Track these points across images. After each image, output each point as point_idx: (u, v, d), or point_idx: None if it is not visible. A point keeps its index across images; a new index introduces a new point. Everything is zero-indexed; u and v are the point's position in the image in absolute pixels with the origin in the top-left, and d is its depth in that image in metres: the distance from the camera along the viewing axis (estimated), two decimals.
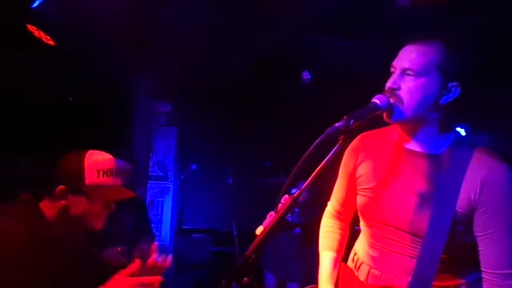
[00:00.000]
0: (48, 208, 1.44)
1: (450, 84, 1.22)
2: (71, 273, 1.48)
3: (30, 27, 2.83)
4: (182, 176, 4.61)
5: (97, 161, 1.47)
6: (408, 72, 1.22)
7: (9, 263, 1.28)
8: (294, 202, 1.06)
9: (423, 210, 1.23)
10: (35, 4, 2.49)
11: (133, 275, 1.41)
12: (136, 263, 1.44)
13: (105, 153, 1.52)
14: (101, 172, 1.46)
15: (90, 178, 1.44)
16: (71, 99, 4.22)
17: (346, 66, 3.45)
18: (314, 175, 1.09)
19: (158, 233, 4.21)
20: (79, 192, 1.43)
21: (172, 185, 4.60)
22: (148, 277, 1.42)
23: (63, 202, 1.42)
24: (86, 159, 1.45)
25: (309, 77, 3.90)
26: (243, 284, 0.99)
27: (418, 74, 1.21)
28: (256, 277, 1.03)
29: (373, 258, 1.37)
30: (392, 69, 1.28)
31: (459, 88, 1.22)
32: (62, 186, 1.42)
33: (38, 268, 1.35)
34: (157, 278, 1.44)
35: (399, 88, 1.23)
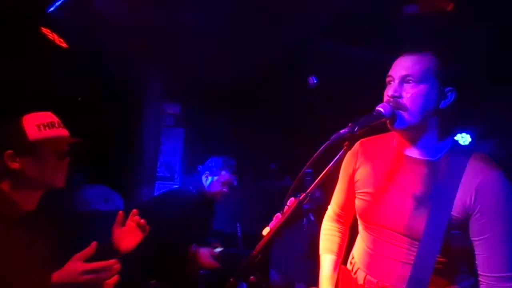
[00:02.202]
0: (9, 185, 1.43)
1: (446, 89, 1.27)
2: (45, 252, 1.45)
3: (44, 30, 2.91)
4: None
5: (35, 117, 1.47)
6: (408, 79, 1.27)
7: None
8: (300, 204, 1.11)
9: (419, 213, 1.27)
10: (51, 9, 2.56)
11: (86, 260, 1.34)
12: (92, 246, 1.38)
13: (42, 112, 1.51)
14: (41, 126, 1.45)
15: (33, 134, 1.43)
16: (80, 99, 4.28)
17: (352, 71, 3.48)
18: (319, 179, 1.14)
19: None
20: (26, 151, 1.42)
21: (178, 186, 4.66)
22: (102, 262, 1.35)
23: (15, 165, 1.41)
24: (24, 119, 1.46)
25: (315, 81, 3.94)
26: (250, 282, 1.04)
27: (418, 80, 1.26)
28: (262, 276, 1.08)
29: (369, 265, 1.40)
30: (389, 79, 1.32)
31: (454, 93, 1.27)
32: (9, 151, 1.41)
33: (8, 248, 1.34)
34: (114, 262, 1.38)
35: (400, 96, 1.28)
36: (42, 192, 1.50)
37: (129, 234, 1.65)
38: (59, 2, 2.66)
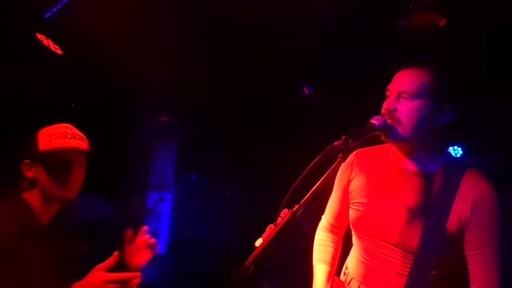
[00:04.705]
0: (31, 196, 1.44)
1: (442, 106, 1.29)
2: (58, 265, 1.46)
3: (39, 36, 2.90)
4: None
5: (52, 128, 1.49)
6: (403, 95, 1.29)
7: None
8: (293, 216, 1.11)
9: (413, 226, 1.28)
10: (48, 14, 2.56)
11: (109, 269, 1.37)
12: (114, 256, 1.41)
13: (62, 123, 1.52)
14: (53, 136, 1.46)
15: (43, 144, 1.45)
16: (73, 105, 4.26)
17: (347, 82, 3.51)
18: (313, 191, 1.14)
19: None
20: (38, 161, 1.44)
21: (170, 195, 4.63)
22: (125, 273, 1.39)
23: (30, 174, 1.43)
24: (41, 130, 1.48)
25: (310, 91, 3.97)
26: None
27: (412, 96, 1.27)
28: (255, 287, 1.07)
29: (363, 275, 1.41)
30: (387, 93, 1.35)
31: (451, 111, 1.29)
32: (26, 160, 1.44)
33: (25, 260, 1.35)
34: (136, 274, 1.42)
35: (395, 110, 1.29)
36: (58, 205, 1.50)
37: (139, 251, 1.61)
38: (56, 9, 2.66)
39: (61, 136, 1.46)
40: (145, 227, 1.64)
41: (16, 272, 1.32)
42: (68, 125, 1.53)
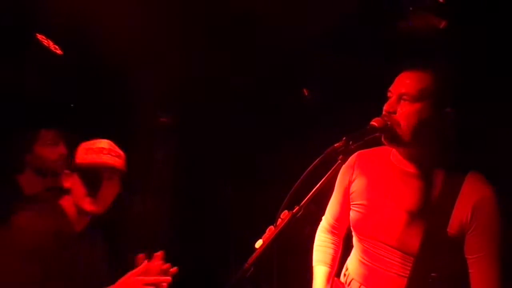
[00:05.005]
0: (67, 204, 1.50)
1: (443, 109, 1.28)
2: (88, 270, 1.52)
3: (39, 36, 2.90)
4: None
5: (92, 142, 1.55)
6: (404, 97, 1.29)
7: (29, 257, 1.32)
8: (293, 218, 1.11)
9: (414, 228, 1.28)
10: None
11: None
12: (145, 264, 1.47)
13: (103, 139, 1.59)
14: (89, 151, 1.52)
15: (79, 157, 1.52)
16: (72, 105, 4.26)
17: (348, 83, 3.51)
18: (313, 192, 1.14)
19: None
20: (73, 172, 1.51)
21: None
22: (157, 277, 1.45)
23: (67, 184, 1.51)
24: (82, 143, 1.56)
25: (310, 94, 3.97)
26: None
27: (413, 99, 1.27)
28: None
29: (363, 276, 1.41)
30: (389, 94, 1.34)
31: (453, 115, 1.28)
32: (66, 170, 1.52)
33: (57, 263, 1.39)
34: (167, 279, 1.47)
35: (395, 112, 1.29)
36: (90, 216, 1.55)
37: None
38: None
39: (97, 151, 1.52)
40: (160, 252, 1.57)
41: (50, 274, 1.36)
42: (108, 141, 1.59)
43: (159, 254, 1.56)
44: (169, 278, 1.48)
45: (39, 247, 1.35)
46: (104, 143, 1.57)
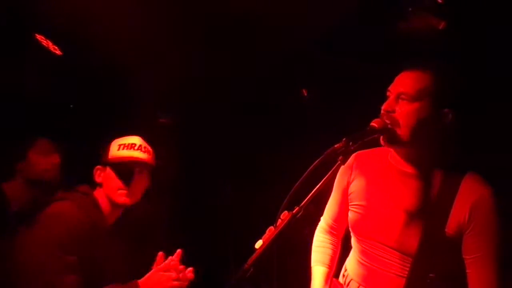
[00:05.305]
0: (101, 197, 1.56)
1: (442, 110, 1.28)
2: (118, 264, 1.58)
3: (38, 36, 2.90)
4: None
5: (123, 139, 1.62)
6: (403, 97, 1.29)
7: (64, 246, 1.38)
8: (293, 218, 1.11)
9: (412, 229, 1.29)
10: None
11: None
12: (169, 260, 1.54)
13: (133, 135, 1.66)
14: (122, 146, 1.59)
15: (113, 152, 1.59)
16: (72, 106, 4.26)
17: (348, 84, 3.51)
18: (313, 193, 1.14)
19: None
20: (106, 167, 1.58)
21: None
22: (184, 274, 1.54)
23: (99, 179, 1.57)
24: (115, 139, 1.62)
25: (309, 94, 3.97)
26: None
27: (411, 99, 1.27)
28: None
29: (362, 276, 1.41)
30: (388, 93, 1.34)
31: (451, 115, 1.28)
32: (98, 165, 1.58)
33: (90, 255, 1.44)
34: (191, 276, 1.55)
35: (393, 112, 1.29)
36: (122, 209, 1.62)
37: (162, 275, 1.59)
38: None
39: (128, 147, 1.60)
40: (179, 250, 1.61)
41: (83, 263, 1.41)
42: (139, 137, 1.66)
43: (179, 251, 1.62)
44: (192, 275, 1.56)
45: (74, 235, 1.40)
46: (135, 139, 1.64)
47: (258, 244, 1.11)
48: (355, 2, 2.75)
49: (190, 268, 1.59)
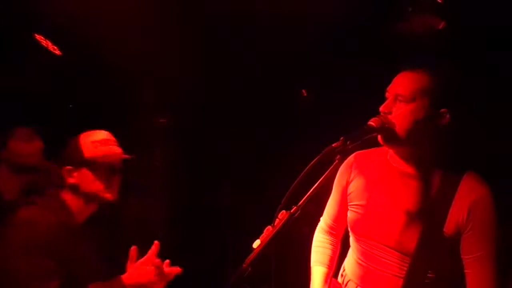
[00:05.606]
0: (70, 198, 1.54)
1: (439, 110, 1.28)
2: (94, 262, 1.56)
3: (38, 36, 2.90)
4: None
5: (91, 135, 1.58)
6: (399, 98, 1.29)
7: (40, 252, 1.36)
8: (291, 218, 1.11)
9: (411, 229, 1.28)
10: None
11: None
12: (150, 254, 1.53)
13: (98, 130, 1.62)
14: (97, 143, 1.56)
15: (88, 151, 1.54)
16: (71, 106, 4.26)
17: (346, 83, 3.51)
18: (311, 193, 1.14)
19: None
20: (82, 167, 1.54)
21: None
22: (169, 268, 1.54)
23: (72, 180, 1.53)
24: (81, 137, 1.58)
25: (309, 94, 3.97)
26: None
27: (407, 100, 1.27)
28: None
29: (360, 277, 1.41)
30: (387, 94, 1.34)
31: (448, 115, 1.28)
32: (67, 166, 1.53)
33: (67, 256, 1.42)
34: (176, 269, 1.55)
35: (390, 113, 1.29)
36: (95, 206, 1.60)
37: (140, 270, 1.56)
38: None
39: (103, 143, 1.57)
40: (156, 243, 1.59)
41: (60, 266, 1.39)
42: (107, 132, 1.63)
43: (156, 243, 1.60)
44: (178, 268, 1.56)
45: (48, 240, 1.39)
46: (105, 133, 1.62)
47: (256, 243, 1.11)
48: (355, 2, 2.75)
49: (166, 261, 1.57)
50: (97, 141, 1.56)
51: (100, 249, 1.63)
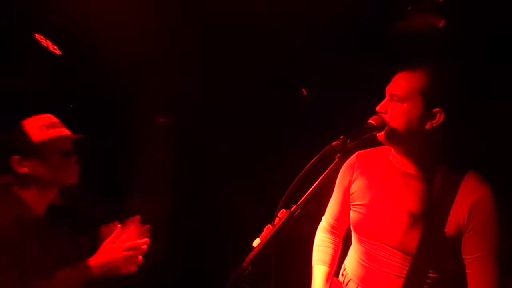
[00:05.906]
0: (23, 190, 1.45)
1: (433, 110, 1.27)
2: (57, 255, 1.47)
3: (38, 36, 2.90)
4: None
5: (36, 120, 1.49)
6: (394, 98, 1.30)
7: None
8: (291, 216, 1.11)
9: (413, 229, 1.28)
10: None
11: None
12: (119, 230, 1.46)
13: (40, 114, 1.53)
14: (44, 128, 1.47)
15: (36, 136, 1.45)
16: (71, 105, 4.26)
17: (346, 82, 3.51)
18: (311, 191, 1.14)
19: None
20: (33, 154, 1.44)
21: None
22: (135, 241, 1.44)
23: (23, 169, 1.43)
24: (25, 124, 1.48)
25: (308, 94, 3.97)
26: None
27: (401, 100, 1.28)
28: None
29: (361, 277, 1.41)
30: (386, 94, 1.35)
31: (443, 114, 1.27)
32: (15, 156, 1.43)
33: (25, 252, 1.36)
34: (145, 241, 1.46)
35: (385, 112, 1.30)
36: (53, 193, 1.52)
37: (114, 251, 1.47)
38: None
39: (51, 126, 1.48)
40: (137, 217, 1.52)
41: (16, 262, 1.33)
42: (49, 115, 1.54)
43: (135, 218, 1.53)
44: (147, 239, 1.46)
45: (2, 236, 1.32)
46: (49, 116, 1.53)
47: (256, 242, 1.11)
48: (355, 2, 2.75)
49: (146, 226, 1.50)
50: (44, 125, 1.47)
51: (63, 243, 1.53)
